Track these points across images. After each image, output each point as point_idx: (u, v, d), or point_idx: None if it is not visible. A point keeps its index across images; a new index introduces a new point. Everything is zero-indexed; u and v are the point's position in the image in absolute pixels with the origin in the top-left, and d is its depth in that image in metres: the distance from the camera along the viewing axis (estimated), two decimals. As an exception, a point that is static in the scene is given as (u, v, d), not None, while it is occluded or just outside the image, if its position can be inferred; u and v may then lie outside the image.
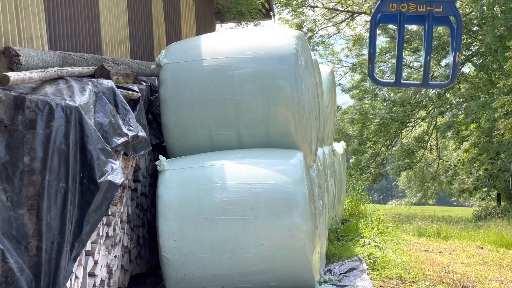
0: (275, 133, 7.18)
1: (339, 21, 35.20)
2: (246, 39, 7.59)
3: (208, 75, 7.20)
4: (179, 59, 7.43)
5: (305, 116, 7.26)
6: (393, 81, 6.90)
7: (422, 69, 6.94)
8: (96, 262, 5.30)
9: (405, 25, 6.74)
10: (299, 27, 32.89)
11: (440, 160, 34.88)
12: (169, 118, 7.30)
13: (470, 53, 30.27)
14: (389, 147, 34.10)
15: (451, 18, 6.85)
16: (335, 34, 35.38)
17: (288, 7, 33.47)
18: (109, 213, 5.59)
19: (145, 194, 7.23)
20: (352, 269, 8.15)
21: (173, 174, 6.71)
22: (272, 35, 7.57)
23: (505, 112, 22.66)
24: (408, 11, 6.42)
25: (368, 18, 33.88)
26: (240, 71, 7.13)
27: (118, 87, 5.98)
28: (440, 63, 29.57)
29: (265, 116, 7.12)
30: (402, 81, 6.83)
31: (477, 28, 29.07)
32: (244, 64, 7.16)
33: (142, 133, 5.76)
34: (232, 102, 7.13)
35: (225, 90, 7.15)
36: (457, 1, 6.42)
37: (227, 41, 7.58)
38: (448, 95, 30.26)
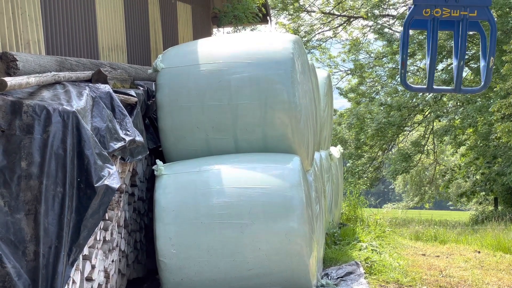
0: (272, 138, 7.19)
1: (336, 26, 35.22)
2: (243, 43, 7.61)
3: (205, 79, 7.21)
4: (176, 63, 7.44)
5: (302, 121, 7.28)
6: (425, 86, 6.81)
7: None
8: (93, 267, 5.30)
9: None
10: (296, 31, 32.89)
11: (437, 165, 34.87)
12: (166, 122, 7.31)
13: (467, 57, 30.31)
14: (386, 151, 34.09)
15: (481, 23, 6.82)
16: (331, 38, 35.39)
17: (285, 11, 33.48)
18: (107, 217, 5.59)
19: (142, 198, 7.23)
20: (349, 273, 8.15)
21: (170, 178, 6.72)
22: (269, 40, 7.59)
23: (502, 115, 22.69)
24: (441, 16, 6.36)
25: (365, 22, 33.97)
26: (237, 76, 7.15)
27: (115, 91, 5.99)
28: (436, 67, 29.60)
29: (262, 121, 7.13)
30: (434, 87, 6.77)
31: (473, 32, 29.03)
32: (241, 69, 7.17)
33: (139, 138, 5.77)
34: (229, 106, 7.14)
35: (222, 94, 7.16)
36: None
37: (224, 46, 7.60)
38: (444, 99, 30.29)
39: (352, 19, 34.96)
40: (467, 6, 6.30)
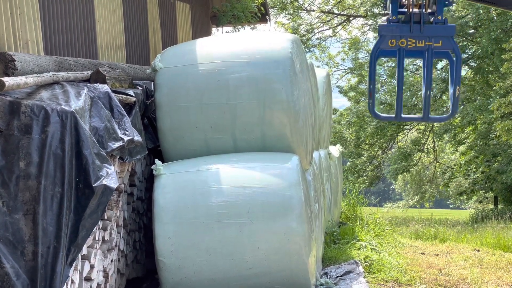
0: (270, 137, 7.19)
1: (335, 24, 35.21)
2: (242, 43, 7.61)
3: (203, 79, 7.22)
4: (175, 63, 7.44)
5: (301, 120, 7.28)
6: (393, 115, 6.86)
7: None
8: (92, 267, 5.31)
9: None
10: (295, 30, 32.88)
11: (437, 163, 34.89)
12: (165, 122, 7.32)
13: (466, 56, 30.31)
14: (386, 149, 34.12)
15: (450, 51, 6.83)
16: (331, 37, 35.38)
17: (284, 11, 33.46)
18: (105, 217, 5.60)
19: (141, 198, 7.24)
20: (349, 272, 8.16)
21: (169, 178, 6.72)
22: (267, 39, 7.59)
23: (501, 114, 22.70)
24: (407, 46, 6.39)
25: (364, 21, 33.95)
26: (236, 75, 7.15)
27: (114, 91, 5.99)
28: (436, 66, 29.60)
29: (260, 120, 7.14)
30: (403, 115, 6.80)
31: (473, 30, 29.14)
32: (239, 68, 7.17)
33: (137, 138, 5.77)
34: (228, 106, 7.15)
35: (221, 94, 7.16)
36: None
37: (222, 45, 7.60)
38: (444, 98, 30.28)
39: (351, 18, 34.96)
40: (431, 37, 6.33)
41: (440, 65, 29.94)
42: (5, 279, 3.90)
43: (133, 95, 6.64)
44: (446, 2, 6.39)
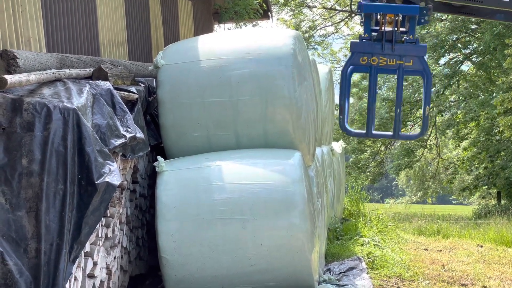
0: (273, 134, 7.19)
1: (338, 21, 35.17)
2: (244, 39, 7.60)
3: (205, 76, 7.21)
4: (177, 60, 7.44)
5: (303, 116, 7.27)
6: (364, 131, 6.83)
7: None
8: (95, 264, 5.31)
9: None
10: (298, 27, 32.85)
11: (440, 159, 34.89)
12: (167, 119, 7.31)
13: (469, 51, 30.28)
14: (389, 145, 34.11)
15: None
16: (333, 33, 35.36)
17: (286, 7, 33.43)
18: (108, 214, 5.60)
19: (144, 195, 7.24)
20: (352, 268, 8.16)
21: (172, 175, 6.72)
22: (270, 36, 7.58)
23: (504, 109, 22.69)
24: (378, 64, 6.38)
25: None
26: (238, 72, 7.14)
27: (116, 88, 5.99)
28: (438, 62, 29.55)
29: (263, 117, 7.13)
30: (373, 132, 6.79)
31: (475, 26, 29.11)
32: (241, 65, 7.17)
33: (140, 135, 5.77)
34: (230, 102, 7.14)
35: (223, 90, 7.16)
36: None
37: (224, 42, 7.59)
38: (447, 93, 30.27)
39: (353, 14, 34.90)
40: (402, 56, 6.31)
41: (442, 60, 29.92)
42: (8, 276, 3.90)
43: (135, 92, 6.63)
44: (422, 21, 6.37)
